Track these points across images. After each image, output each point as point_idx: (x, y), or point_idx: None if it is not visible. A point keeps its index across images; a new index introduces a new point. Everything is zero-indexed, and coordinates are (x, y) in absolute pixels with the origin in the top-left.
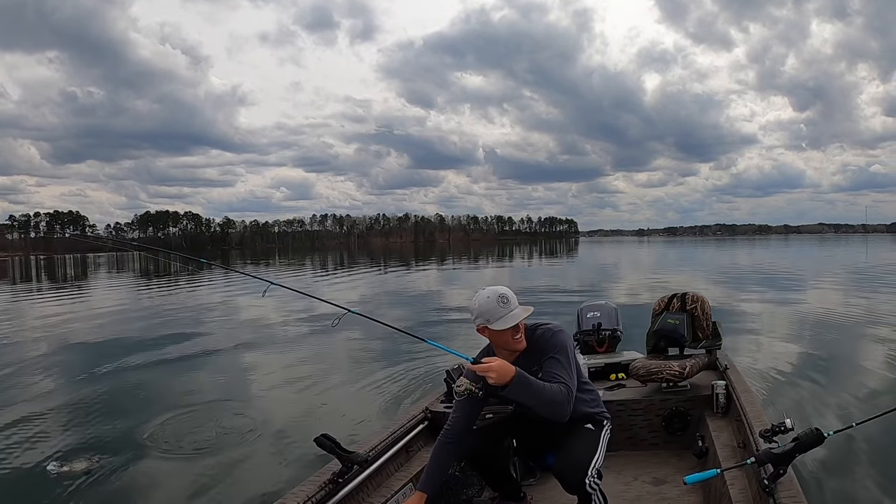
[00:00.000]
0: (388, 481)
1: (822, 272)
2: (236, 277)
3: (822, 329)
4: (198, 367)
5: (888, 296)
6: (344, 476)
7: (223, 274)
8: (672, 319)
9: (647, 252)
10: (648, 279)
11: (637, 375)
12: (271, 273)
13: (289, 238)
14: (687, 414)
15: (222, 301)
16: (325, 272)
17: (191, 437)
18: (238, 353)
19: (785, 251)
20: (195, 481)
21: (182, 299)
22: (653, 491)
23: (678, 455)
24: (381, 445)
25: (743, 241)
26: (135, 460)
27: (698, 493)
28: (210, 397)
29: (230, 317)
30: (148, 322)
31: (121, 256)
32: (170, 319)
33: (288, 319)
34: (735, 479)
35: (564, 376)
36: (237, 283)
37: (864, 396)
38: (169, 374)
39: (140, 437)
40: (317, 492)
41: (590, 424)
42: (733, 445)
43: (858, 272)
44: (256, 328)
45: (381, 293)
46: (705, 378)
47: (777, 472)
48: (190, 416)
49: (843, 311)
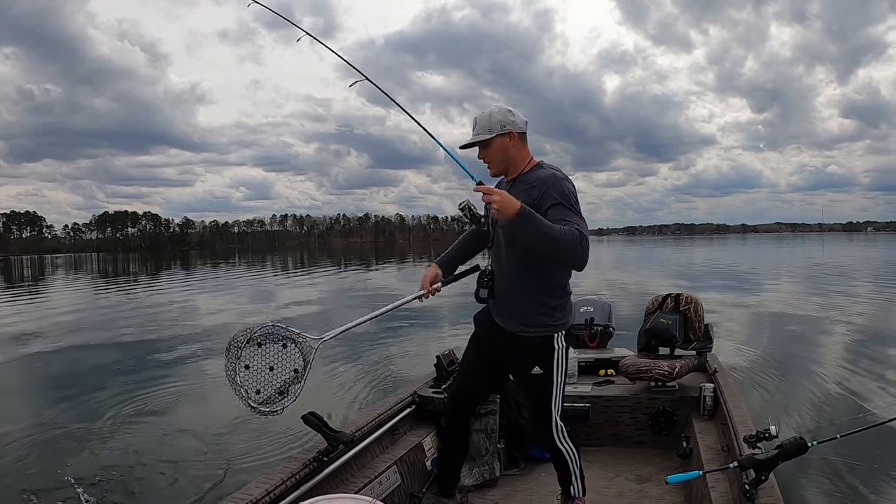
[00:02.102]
0: (373, 462)
1: (796, 270)
2: (197, 276)
3: (805, 335)
4: (179, 355)
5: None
6: (329, 455)
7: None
8: (665, 319)
9: (607, 251)
10: (606, 278)
11: (626, 373)
12: (232, 273)
13: (249, 238)
14: (674, 414)
15: (192, 299)
16: (285, 273)
17: (174, 411)
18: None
19: (743, 250)
20: (178, 454)
21: (151, 299)
22: (635, 489)
23: (662, 454)
24: (367, 427)
25: (701, 240)
26: (112, 437)
27: (680, 493)
28: (193, 376)
29: (203, 314)
30: (122, 320)
31: (79, 258)
32: (143, 318)
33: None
34: (717, 481)
35: (575, 220)
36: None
37: (850, 407)
38: (145, 360)
39: (118, 417)
40: (301, 469)
41: (537, 366)
42: (717, 448)
43: (835, 271)
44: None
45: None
46: (694, 379)
47: (759, 477)
48: (175, 391)
49: (827, 313)
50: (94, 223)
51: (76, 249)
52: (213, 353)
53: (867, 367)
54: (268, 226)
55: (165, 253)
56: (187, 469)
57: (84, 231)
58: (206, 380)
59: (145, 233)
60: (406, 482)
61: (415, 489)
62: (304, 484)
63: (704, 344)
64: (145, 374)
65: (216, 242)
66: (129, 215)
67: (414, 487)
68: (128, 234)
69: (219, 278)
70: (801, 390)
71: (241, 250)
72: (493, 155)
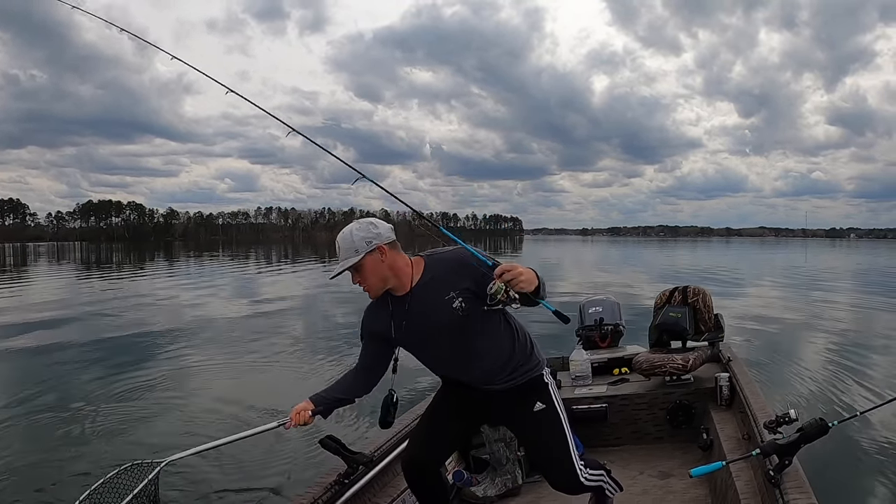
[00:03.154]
0: (394, 481)
1: (781, 273)
2: (181, 268)
3: (821, 320)
4: (181, 365)
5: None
6: (349, 477)
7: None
8: (674, 313)
9: (591, 251)
10: (592, 277)
11: (640, 369)
12: (216, 266)
13: (233, 230)
14: (691, 407)
15: (176, 292)
16: (268, 266)
17: (189, 436)
18: (227, 349)
19: (728, 253)
20: (197, 482)
21: (135, 288)
22: (659, 484)
23: (683, 448)
24: (385, 445)
25: (685, 242)
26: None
27: (704, 485)
28: (202, 396)
29: (201, 311)
30: (103, 311)
31: (62, 246)
32: (125, 310)
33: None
34: (741, 470)
35: None
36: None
37: (867, 385)
38: (150, 371)
39: (135, 439)
40: (322, 493)
41: (538, 402)
42: (738, 437)
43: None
44: (239, 322)
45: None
46: (708, 370)
47: (782, 462)
48: (185, 415)
49: (826, 309)
50: (78, 212)
51: (59, 238)
52: (218, 355)
53: (880, 345)
54: (252, 218)
55: (149, 243)
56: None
57: (67, 220)
58: (203, 390)
59: (129, 223)
60: None
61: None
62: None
63: (716, 334)
64: (136, 376)
65: (200, 234)
66: (113, 205)
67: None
68: (111, 223)
69: (202, 271)
70: (815, 374)
71: (225, 242)
72: (368, 277)
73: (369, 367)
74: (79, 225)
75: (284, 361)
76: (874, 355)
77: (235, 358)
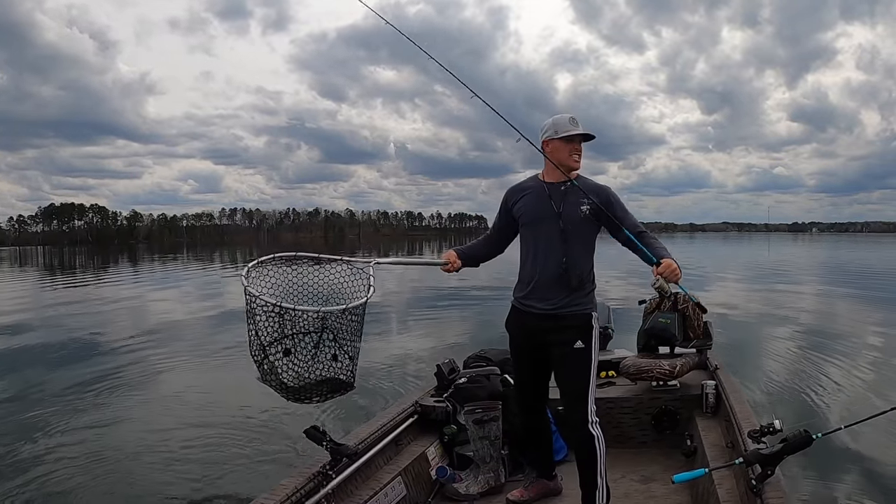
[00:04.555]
0: (377, 474)
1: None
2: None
3: (807, 330)
4: (143, 370)
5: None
6: (333, 468)
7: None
8: (663, 319)
9: None
10: None
11: (627, 374)
12: (180, 269)
13: (198, 232)
14: (676, 413)
15: (140, 295)
16: (234, 267)
17: (182, 427)
18: (192, 352)
19: (692, 248)
20: (183, 471)
21: (98, 294)
22: (641, 489)
23: (666, 454)
24: (370, 438)
25: None
26: (120, 456)
27: (686, 492)
28: (190, 390)
29: (177, 309)
30: (74, 317)
31: (24, 251)
32: (95, 314)
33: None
34: (723, 478)
35: (632, 220)
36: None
37: (852, 398)
38: (139, 363)
39: (119, 433)
40: (305, 483)
41: (579, 341)
42: (722, 445)
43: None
44: (216, 318)
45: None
46: (695, 377)
47: (765, 472)
48: (176, 405)
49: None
50: (40, 215)
51: (21, 243)
52: (182, 354)
53: (865, 358)
54: (217, 220)
55: (113, 247)
56: (183, 488)
57: (30, 223)
58: (187, 386)
59: (92, 226)
60: (411, 493)
61: (420, 499)
62: (310, 498)
63: (704, 341)
64: (105, 377)
65: (164, 236)
66: (75, 208)
67: (419, 497)
68: (74, 226)
69: (167, 274)
70: (802, 384)
71: (189, 244)
72: (581, 153)
73: (501, 232)
74: (41, 229)
75: (241, 373)
76: (862, 365)
77: (198, 360)
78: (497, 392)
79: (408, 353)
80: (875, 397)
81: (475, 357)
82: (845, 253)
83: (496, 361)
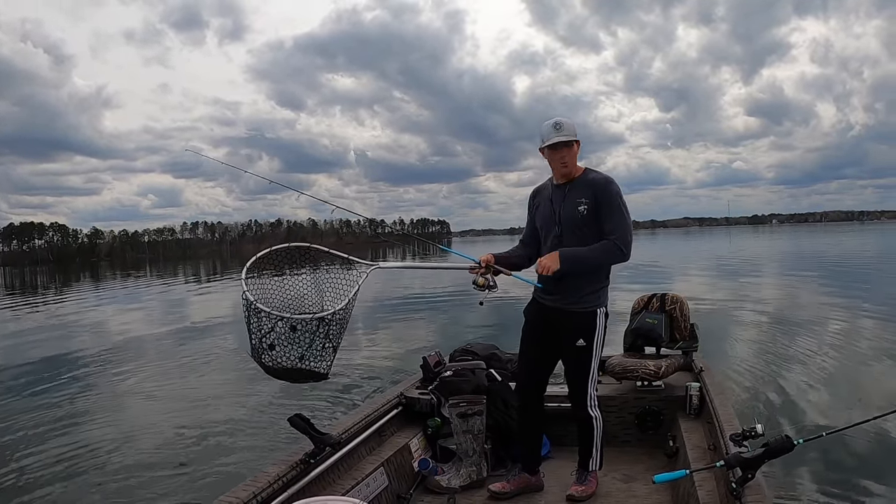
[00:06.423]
0: (360, 464)
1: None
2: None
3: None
4: (106, 390)
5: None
6: (316, 457)
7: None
8: (650, 319)
9: None
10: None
11: (613, 373)
12: (142, 286)
13: (160, 247)
14: (660, 413)
15: (102, 314)
16: (197, 282)
17: (159, 428)
18: (197, 341)
19: (654, 245)
20: (167, 456)
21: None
22: (622, 488)
23: (649, 454)
24: (354, 428)
25: None
26: (100, 452)
27: (667, 492)
28: (179, 383)
29: (128, 332)
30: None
31: None
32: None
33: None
34: (704, 480)
35: (613, 225)
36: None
37: (835, 405)
38: (73, 396)
39: (94, 440)
40: (288, 471)
41: (581, 339)
42: (704, 447)
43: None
44: (200, 321)
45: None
46: (680, 379)
47: (745, 476)
48: (151, 410)
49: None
50: (0, 236)
51: None
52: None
53: (851, 365)
54: (178, 234)
55: (74, 265)
56: (167, 474)
57: None
58: (169, 385)
59: (53, 244)
60: (393, 484)
61: (402, 490)
62: (291, 486)
63: (690, 343)
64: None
65: (126, 252)
66: (35, 227)
67: (401, 489)
68: (34, 246)
69: (129, 292)
70: (786, 389)
71: (151, 260)
72: (572, 158)
73: (533, 235)
74: (1, 249)
75: (217, 375)
76: (847, 371)
77: (169, 368)
78: (482, 386)
79: (392, 345)
80: (859, 404)
81: (461, 350)
82: (807, 243)
83: (482, 356)
